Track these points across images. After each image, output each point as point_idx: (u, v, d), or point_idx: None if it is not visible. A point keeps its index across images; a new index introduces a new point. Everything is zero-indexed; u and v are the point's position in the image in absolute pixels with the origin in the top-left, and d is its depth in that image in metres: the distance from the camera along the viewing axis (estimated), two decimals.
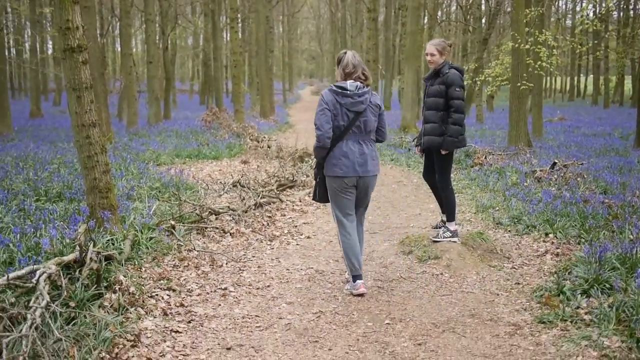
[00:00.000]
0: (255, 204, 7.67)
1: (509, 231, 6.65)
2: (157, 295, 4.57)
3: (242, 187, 8.49)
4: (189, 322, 4.21)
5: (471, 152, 11.89)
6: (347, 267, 4.86)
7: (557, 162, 9.50)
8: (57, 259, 4.22)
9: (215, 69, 26.34)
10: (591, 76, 44.39)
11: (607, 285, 4.39)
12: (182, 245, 5.85)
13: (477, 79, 17.90)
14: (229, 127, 16.82)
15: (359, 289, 4.75)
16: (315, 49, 68.62)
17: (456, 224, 5.91)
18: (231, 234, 6.55)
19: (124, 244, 5.14)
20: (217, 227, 6.63)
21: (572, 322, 4.04)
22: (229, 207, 7.36)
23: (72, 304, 3.87)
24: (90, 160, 5.29)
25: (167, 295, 4.62)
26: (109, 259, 4.67)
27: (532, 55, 13.08)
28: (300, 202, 8.34)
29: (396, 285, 5.04)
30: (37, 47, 30.64)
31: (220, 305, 4.57)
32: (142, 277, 4.83)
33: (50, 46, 37.14)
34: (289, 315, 4.40)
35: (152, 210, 6.47)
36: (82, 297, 4.02)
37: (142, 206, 6.84)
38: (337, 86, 4.66)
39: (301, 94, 52.96)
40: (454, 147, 5.64)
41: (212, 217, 6.96)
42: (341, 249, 4.85)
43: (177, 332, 4.02)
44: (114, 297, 4.16)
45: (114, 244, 5.11)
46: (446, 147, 5.58)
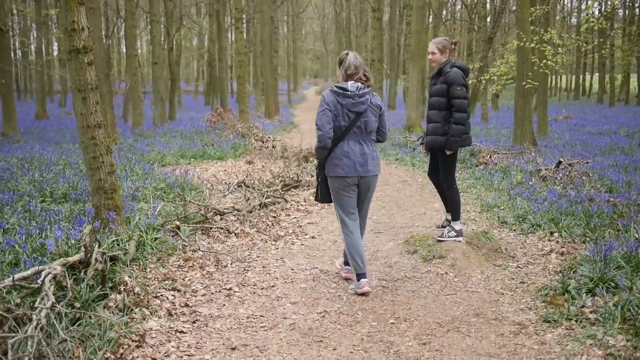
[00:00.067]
0: (260, 204, 7.69)
1: (514, 230, 6.63)
2: (162, 295, 4.58)
3: (247, 187, 8.51)
4: (194, 322, 4.22)
5: (476, 151, 11.88)
6: (351, 266, 4.87)
7: (562, 160, 9.47)
8: (62, 259, 4.25)
9: (220, 70, 26.40)
10: (597, 74, 44.22)
11: (613, 284, 4.38)
12: (187, 245, 5.86)
13: (482, 78, 17.88)
14: (234, 128, 16.84)
15: (363, 287, 4.76)
16: (319, 49, 68.72)
17: (461, 223, 5.90)
18: (236, 234, 6.57)
19: (129, 245, 5.15)
20: (222, 228, 6.64)
21: (577, 321, 4.03)
22: (233, 207, 7.38)
23: (77, 304, 3.89)
24: (95, 161, 5.31)
25: (172, 295, 4.64)
26: (114, 259, 4.69)
27: (538, 53, 13.05)
28: (305, 202, 8.34)
29: (401, 284, 5.04)
30: (43, 48, 30.80)
31: (224, 305, 4.58)
32: (147, 278, 4.85)
33: (55, 48, 37.40)
34: (294, 315, 4.40)
35: (157, 210, 6.49)
36: (87, 297, 4.03)
37: (147, 207, 6.87)
38: (338, 87, 4.69)
39: (306, 94, 53.01)
40: (458, 147, 5.63)
41: (217, 217, 6.98)
42: (346, 250, 4.87)
43: (182, 332, 4.03)
44: (119, 297, 4.17)
45: (119, 245, 5.13)
46: (450, 147, 5.57)
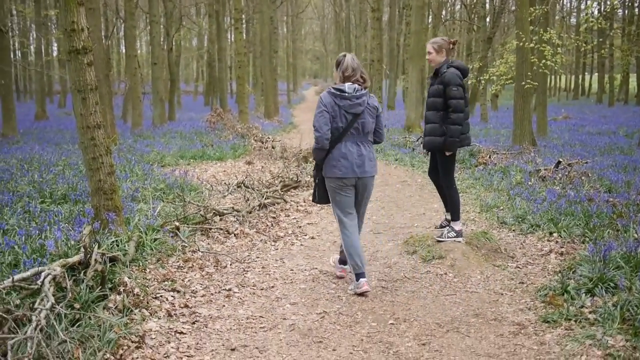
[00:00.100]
0: (259, 205, 7.69)
1: (513, 230, 6.64)
2: (161, 296, 4.59)
3: (247, 187, 8.51)
4: (193, 323, 4.22)
5: (475, 152, 11.88)
6: (349, 266, 4.88)
7: (561, 160, 9.47)
8: (62, 260, 4.25)
9: (219, 70, 26.41)
10: (596, 74, 44.23)
11: (612, 284, 4.38)
12: (186, 246, 5.86)
13: (481, 78, 17.89)
14: (233, 128, 16.83)
15: (362, 287, 4.76)
16: (319, 49, 68.71)
17: (461, 224, 5.90)
18: (235, 235, 6.57)
19: (129, 246, 5.16)
20: (222, 228, 6.65)
21: (576, 321, 4.03)
22: (233, 208, 7.38)
23: (77, 305, 3.89)
24: (95, 161, 5.31)
25: (172, 296, 4.64)
26: (113, 260, 4.69)
27: (537, 53, 13.06)
28: (304, 202, 8.35)
29: (400, 285, 5.04)
30: (42, 49, 30.78)
31: (224, 306, 4.58)
32: (146, 279, 4.85)
33: (55, 48, 37.42)
34: (293, 315, 4.40)
35: (157, 211, 6.49)
36: (87, 298, 4.04)
37: (147, 207, 6.87)
38: (335, 88, 4.71)
39: (305, 95, 53.02)
40: (456, 147, 5.63)
41: (217, 218, 6.98)
42: (345, 249, 4.87)
43: (182, 333, 4.03)
44: (119, 298, 4.18)
45: (118, 246, 5.13)
46: (448, 147, 5.58)
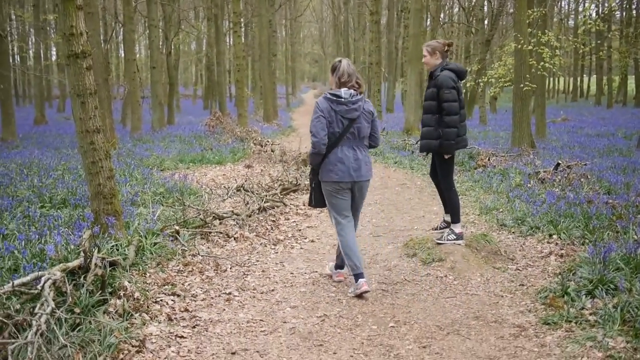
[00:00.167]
0: (259, 208, 7.69)
1: (513, 232, 6.64)
2: (161, 300, 4.58)
3: (246, 191, 8.51)
4: (194, 327, 4.22)
5: (474, 154, 11.89)
6: (347, 267, 4.90)
7: (560, 162, 9.49)
8: (61, 265, 4.25)
9: (218, 74, 26.42)
10: (594, 76, 44.31)
11: (612, 285, 4.38)
12: (186, 250, 5.86)
13: (480, 81, 17.92)
14: (233, 132, 16.84)
15: (362, 287, 4.77)
16: (318, 52, 68.70)
17: (461, 226, 5.90)
18: (235, 239, 6.56)
19: (129, 250, 5.15)
20: (221, 232, 6.64)
21: (576, 323, 4.03)
22: (232, 211, 7.38)
23: (77, 310, 3.89)
24: (94, 166, 5.31)
25: (172, 300, 4.63)
26: (113, 264, 4.68)
27: (535, 56, 13.09)
28: (304, 206, 8.34)
29: (400, 288, 5.04)
30: (41, 53, 30.78)
31: (224, 309, 4.58)
32: (146, 283, 4.85)
33: (54, 53, 37.40)
34: (294, 319, 4.40)
35: (156, 215, 6.49)
36: (87, 303, 4.03)
37: (146, 211, 6.87)
38: (331, 94, 4.77)
39: (304, 98, 53.06)
40: (452, 150, 5.61)
41: (216, 221, 6.97)
42: (343, 251, 4.89)
43: (182, 337, 4.03)
44: (119, 302, 4.17)
45: (118, 250, 5.13)
46: (443, 150, 5.60)
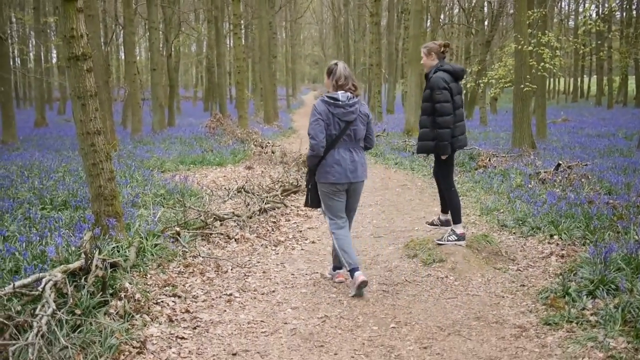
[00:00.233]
0: (259, 210, 7.69)
1: (514, 233, 6.64)
2: (162, 301, 4.58)
3: (247, 192, 8.51)
4: (195, 328, 4.22)
5: (475, 155, 11.89)
6: (344, 264, 4.93)
7: (561, 163, 9.49)
8: (62, 266, 4.25)
9: (218, 76, 26.44)
10: (594, 77, 44.30)
11: (613, 286, 4.38)
12: (187, 251, 5.86)
13: (480, 81, 17.92)
14: (233, 133, 16.85)
15: (359, 278, 4.80)
16: (318, 54, 68.73)
17: (462, 227, 5.89)
18: (236, 240, 6.57)
19: (129, 251, 5.16)
20: (222, 233, 6.64)
21: (577, 323, 4.03)
22: (233, 213, 7.38)
23: (78, 311, 3.89)
24: (95, 167, 5.32)
25: (173, 301, 4.63)
26: (114, 266, 4.69)
27: (535, 56, 13.09)
28: (304, 207, 8.33)
29: (401, 288, 5.04)
30: (42, 56, 30.83)
31: (225, 311, 4.58)
32: (147, 284, 4.85)
33: (54, 55, 37.47)
34: (295, 320, 4.40)
35: (157, 217, 6.49)
36: (88, 304, 4.03)
37: (147, 213, 6.87)
38: (329, 97, 4.83)
39: (304, 99, 53.08)
40: (447, 151, 5.58)
41: (217, 223, 6.98)
42: (338, 250, 4.95)
43: (183, 338, 4.03)
44: (120, 304, 4.17)
45: (119, 251, 5.13)
46: (439, 151, 5.60)
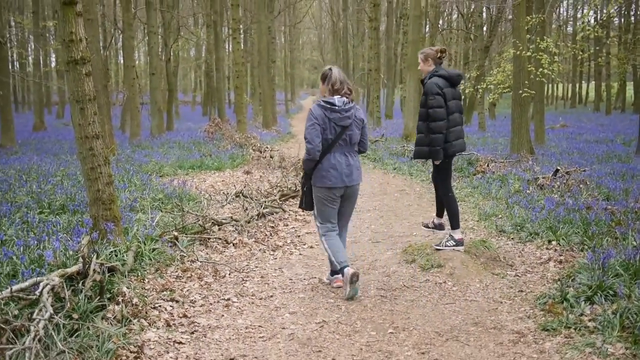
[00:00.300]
0: (258, 214, 7.68)
1: (512, 239, 6.64)
2: (160, 306, 4.57)
3: (245, 197, 8.51)
4: (192, 333, 4.21)
5: (473, 160, 11.91)
6: (336, 265, 4.96)
7: (559, 169, 9.49)
8: (60, 270, 4.25)
9: (217, 80, 26.41)
10: (593, 83, 44.43)
11: (611, 291, 4.38)
12: (185, 256, 5.85)
13: (478, 87, 17.94)
14: (232, 138, 16.85)
15: (350, 271, 4.81)
16: (317, 58, 68.78)
17: (461, 232, 5.89)
18: (234, 245, 6.56)
19: (127, 256, 5.15)
20: (220, 238, 6.64)
21: (575, 329, 4.03)
22: (231, 217, 7.37)
23: (75, 315, 3.88)
24: (93, 172, 5.31)
25: (170, 306, 4.63)
26: (112, 270, 4.68)
27: (534, 62, 13.12)
28: (302, 212, 8.33)
29: (399, 294, 5.04)
30: (41, 60, 30.79)
31: (223, 315, 4.57)
32: (145, 289, 4.84)
33: (53, 59, 37.44)
34: (292, 325, 4.39)
35: (155, 221, 6.48)
36: (86, 308, 4.02)
37: (145, 217, 6.86)
38: (325, 102, 4.86)
39: (303, 104, 53.07)
40: (439, 156, 5.58)
41: (215, 227, 6.97)
42: (327, 250, 4.99)
43: (181, 343, 4.02)
44: (117, 308, 4.17)
45: (117, 256, 5.12)
46: (432, 157, 5.61)
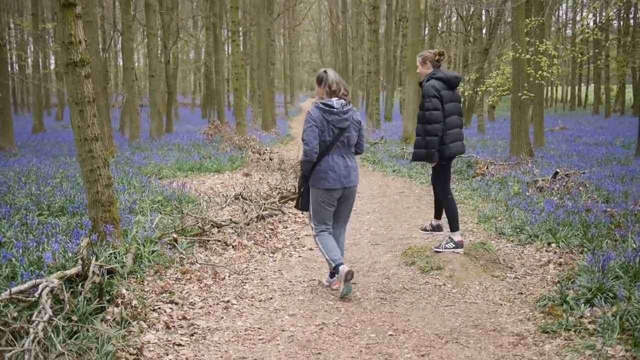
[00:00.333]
0: (257, 217, 7.68)
1: (512, 241, 6.64)
2: (159, 308, 4.56)
3: (244, 199, 8.50)
4: (192, 335, 4.20)
5: (473, 163, 11.91)
6: (331, 263, 4.97)
7: (559, 171, 9.50)
8: (59, 272, 4.24)
9: (216, 82, 26.42)
10: (592, 85, 44.45)
11: (611, 294, 4.38)
12: (184, 258, 5.85)
13: (478, 89, 17.96)
14: (231, 140, 16.86)
15: (345, 269, 4.82)
16: (316, 61, 68.83)
17: (460, 235, 5.89)
18: (233, 247, 6.55)
19: (127, 258, 5.14)
20: (220, 240, 6.63)
21: (575, 331, 4.03)
22: (231, 219, 7.37)
23: (75, 317, 3.87)
24: (92, 174, 5.31)
25: (170, 308, 4.62)
26: (111, 272, 4.67)
27: (533, 64, 13.13)
28: (302, 214, 8.33)
29: (399, 296, 5.03)
30: (40, 62, 30.78)
31: (222, 318, 4.56)
32: (144, 291, 4.83)
33: (52, 61, 37.46)
34: (292, 327, 4.39)
35: (155, 223, 6.48)
36: (85, 310, 4.02)
37: (145, 219, 6.85)
38: (323, 104, 4.88)
39: (302, 107, 53.09)
40: (434, 159, 5.57)
41: (215, 229, 6.97)
42: (322, 250, 5.01)
43: (180, 345, 4.01)
44: (117, 310, 4.16)
45: (116, 258, 5.11)
46: (428, 159, 5.61)
